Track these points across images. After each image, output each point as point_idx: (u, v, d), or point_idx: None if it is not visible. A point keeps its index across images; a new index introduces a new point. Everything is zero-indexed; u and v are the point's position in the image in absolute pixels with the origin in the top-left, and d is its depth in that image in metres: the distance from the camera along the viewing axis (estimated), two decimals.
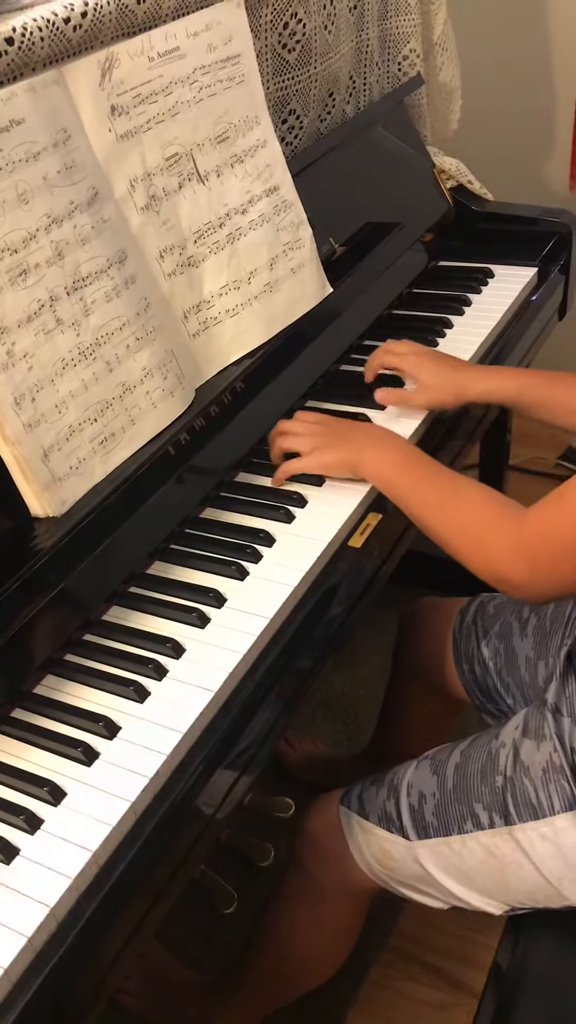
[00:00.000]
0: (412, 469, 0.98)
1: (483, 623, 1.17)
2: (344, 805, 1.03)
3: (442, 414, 1.15)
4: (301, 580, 0.91)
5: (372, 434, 1.03)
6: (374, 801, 1.01)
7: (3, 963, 0.62)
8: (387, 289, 1.34)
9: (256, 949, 1.14)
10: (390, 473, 0.98)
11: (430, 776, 0.97)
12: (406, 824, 0.97)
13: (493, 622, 1.16)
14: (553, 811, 0.89)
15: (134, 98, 0.94)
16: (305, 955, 1.12)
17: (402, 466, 0.98)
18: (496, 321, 1.33)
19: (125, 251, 0.91)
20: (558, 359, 1.92)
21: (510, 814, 0.91)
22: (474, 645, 1.16)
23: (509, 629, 1.14)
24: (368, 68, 1.44)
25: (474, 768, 0.95)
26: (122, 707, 0.79)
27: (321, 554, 0.94)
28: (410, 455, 0.99)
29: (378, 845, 0.99)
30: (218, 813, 0.77)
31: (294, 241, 1.11)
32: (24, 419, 0.82)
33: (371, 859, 1.01)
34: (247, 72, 1.05)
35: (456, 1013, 1.26)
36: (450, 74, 1.57)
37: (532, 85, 2.07)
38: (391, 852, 0.98)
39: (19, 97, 0.82)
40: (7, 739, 0.78)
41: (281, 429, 1.04)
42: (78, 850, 0.68)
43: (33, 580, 0.80)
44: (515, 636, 1.13)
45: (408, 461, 0.98)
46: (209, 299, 1.02)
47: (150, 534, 0.93)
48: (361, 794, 1.03)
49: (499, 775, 0.93)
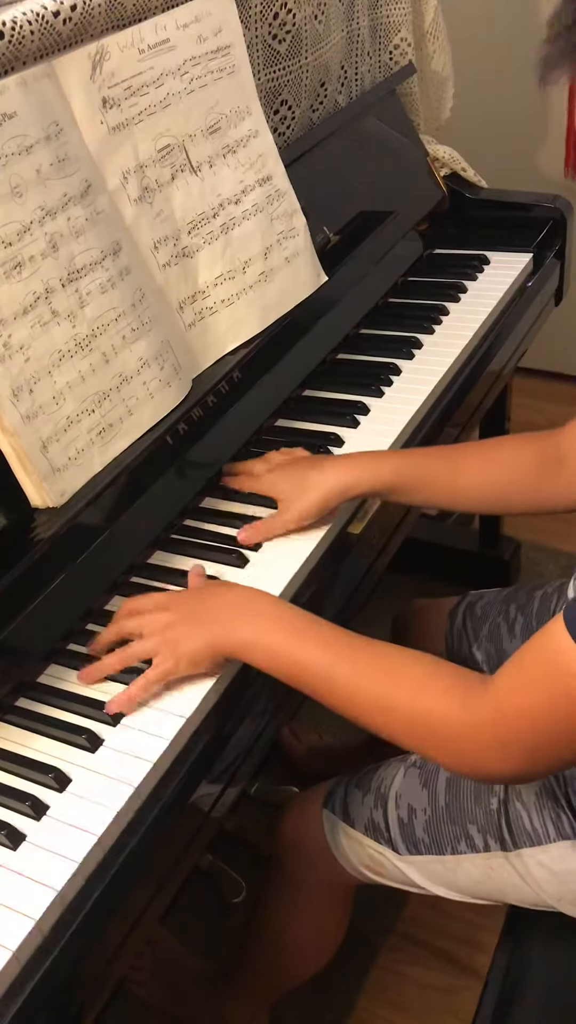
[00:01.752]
0: (314, 640, 0.76)
1: (472, 625, 1.14)
2: (327, 809, 1.00)
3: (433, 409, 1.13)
4: (301, 567, 0.92)
5: (239, 601, 0.80)
6: (360, 808, 0.97)
7: (12, 945, 0.62)
8: (382, 278, 1.35)
9: (250, 944, 1.15)
10: (285, 650, 0.76)
11: (420, 789, 0.94)
12: (395, 837, 0.94)
13: (482, 624, 1.13)
14: (549, 838, 0.86)
15: (125, 90, 0.94)
16: (297, 948, 1.12)
17: (300, 638, 0.76)
18: (492, 307, 1.33)
19: (119, 243, 0.92)
20: (554, 344, 1.92)
21: (506, 840, 0.88)
22: (466, 649, 1.14)
23: (498, 631, 1.12)
24: (359, 57, 1.44)
25: (467, 787, 0.91)
26: None
27: (320, 540, 0.95)
28: (301, 624, 0.77)
29: (366, 854, 0.97)
30: (224, 794, 0.77)
31: (288, 230, 1.11)
32: (22, 411, 0.83)
33: (359, 865, 0.99)
34: (238, 63, 1.05)
35: (464, 996, 1.27)
36: (442, 62, 1.57)
37: (525, 72, 2.06)
38: (380, 862, 0.96)
39: (10, 91, 0.82)
40: (12, 728, 0.78)
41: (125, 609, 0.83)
42: (83, 834, 0.69)
43: (34, 570, 0.81)
44: (504, 639, 1.11)
45: (306, 632, 0.76)
46: (204, 289, 1.03)
47: (150, 524, 0.94)
48: (346, 798, 0.99)
49: (494, 796, 0.90)
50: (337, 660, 0.74)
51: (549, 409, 2.26)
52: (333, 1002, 1.28)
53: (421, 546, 1.85)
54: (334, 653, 0.75)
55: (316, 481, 0.95)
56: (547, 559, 1.93)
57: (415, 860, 0.93)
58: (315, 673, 0.75)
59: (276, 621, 0.78)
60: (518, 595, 1.13)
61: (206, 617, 0.79)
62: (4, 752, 0.76)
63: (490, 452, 1.00)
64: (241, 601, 0.80)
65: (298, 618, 0.78)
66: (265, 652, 0.77)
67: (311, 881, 1.05)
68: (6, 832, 0.69)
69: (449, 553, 1.90)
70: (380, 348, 1.25)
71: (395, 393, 1.17)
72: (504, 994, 0.90)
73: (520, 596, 1.13)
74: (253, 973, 1.17)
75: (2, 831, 0.69)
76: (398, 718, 0.73)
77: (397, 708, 0.72)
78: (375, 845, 0.96)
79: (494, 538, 1.84)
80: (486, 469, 0.97)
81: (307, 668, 0.75)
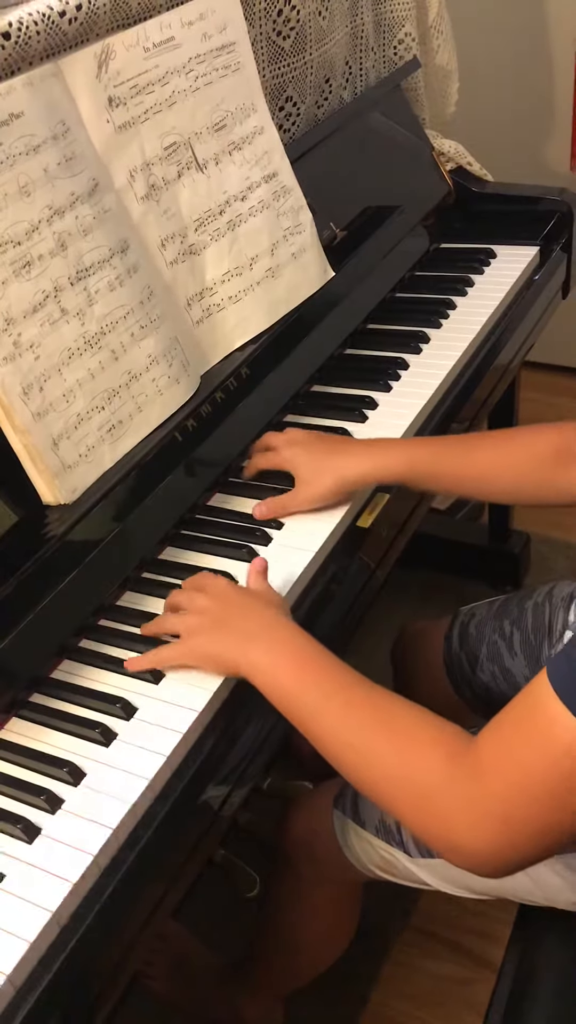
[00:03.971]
0: (317, 676, 0.74)
1: (469, 647, 1.12)
2: (338, 809, 1.00)
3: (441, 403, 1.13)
4: (311, 561, 0.92)
5: (264, 622, 0.79)
6: (370, 810, 0.96)
7: (29, 937, 0.63)
8: (389, 272, 1.35)
9: (262, 940, 1.15)
10: (286, 682, 0.75)
11: None
12: (406, 840, 0.93)
13: (479, 645, 1.12)
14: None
15: (131, 89, 0.94)
16: (308, 945, 1.12)
17: (303, 672, 0.75)
18: (499, 301, 1.33)
19: (127, 240, 0.92)
20: (562, 337, 1.92)
21: None
22: (468, 672, 1.12)
23: (497, 650, 1.10)
24: (364, 53, 1.44)
25: None
26: (139, 688, 0.80)
27: (330, 535, 0.95)
28: (310, 656, 0.76)
29: (377, 855, 0.97)
30: (236, 789, 0.78)
31: (294, 226, 1.11)
32: (33, 408, 0.83)
33: (370, 864, 0.98)
34: (242, 60, 1.05)
35: (478, 989, 1.27)
36: (446, 56, 1.57)
37: (530, 65, 2.06)
38: (392, 862, 0.96)
39: (17, 91, 0.83)
40: (26, 723, 0.79)
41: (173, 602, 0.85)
42: (98, 828, 0.69)
43: (46, 566, 0.81)
44: (506, 657, 1.09)
45: (310, 664, 0.75)
46: (211, 286, 1.03)
47: (160, 520, 0.94)
48: (356, 799, 0.98)
49: None
50: (331, 698, 0.72)
51: (557, 403, 2.26)
52: (347, 994, 1.28)
53: (430, 541, 1.85)
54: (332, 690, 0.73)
55: (334, 465, 0.96)
56: (557, 553, 1.93)
57: (427, 863, 0.93)
58: (307, 706, 0.73)
59: (289, 651, 0.77)
60: (509, 608, 1.12)
61: (228, 626, 0.79)
62: (19, 747, 0.77)
63: (505, 442, 1.01)
64: (261, 625, 0.79)
65: (309, 650, 0.76)
66: (267, 677, 0.76)
67: (322, 879, 1.05)
68: (22, 826, 0.69)
69: (458, 547, 1.90)
70: (387, 343, 1.25)
71: (403, 387, 1.17)
72: (517, 988, 0.90)
73: (511, 610, 1.11)
74: (266, 968, 1.17)
75: (18, 825, 0.70)
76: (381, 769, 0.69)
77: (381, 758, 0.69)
78: (386, 847, 0.95)
79: (504, 532, 1.84)
80: (501, 459, 0.98)
81: (300, 700, 0.74)
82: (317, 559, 0.93)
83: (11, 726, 0.79)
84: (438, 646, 1.16)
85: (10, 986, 0.62)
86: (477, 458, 0.99)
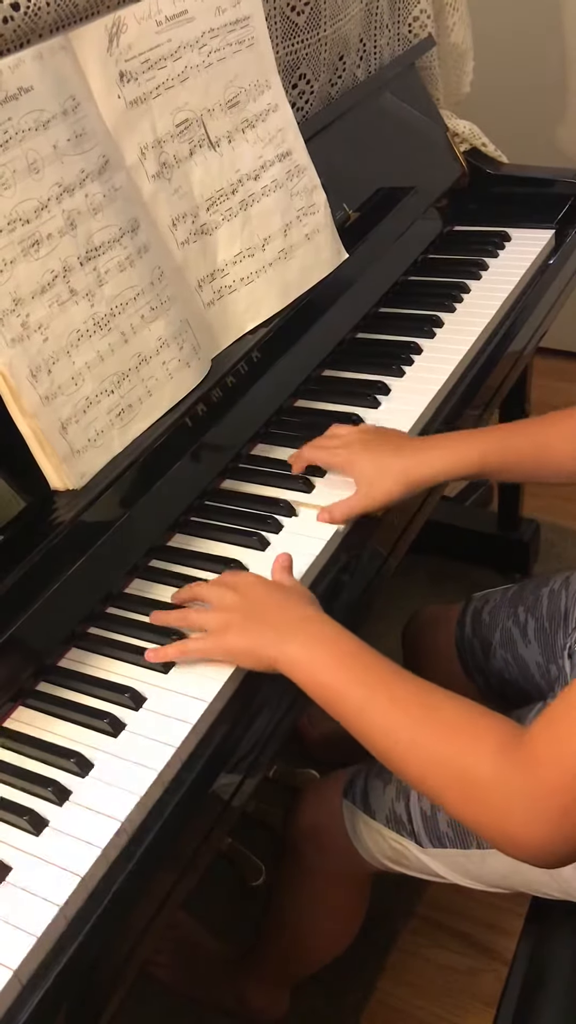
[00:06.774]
0: (357, 671, 0.73)
1: (482, 634, 1.12)
2: (347, 799, 0.99)
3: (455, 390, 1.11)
4: (323, 549, 0.91)
5: (299, 616, 0.78)
6: (381, 800, 0.96)
7: (37, 932, 0.62)
8: (402, 255, 1.33)
9: (268, 929, 1.15)
10: (328, 677, 0.74)
11: None
12: (418, 830, 0.92)
13: (492, 632, 1.11)
14: None
15: (143, 63, 0.92)
16: (315, 935, 1.11)
17: (343, 667, 0.74)
18: (514, 285, 1.31)
19: (137, 220, 0.90)
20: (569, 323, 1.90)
21: None
22: (481, 658, 1.12)
23: (511, 636, 1.09)
24: (378, 30, 1.41)
25: None
26: (148, 678, 0.79)
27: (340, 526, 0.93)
28: (349, 650, 0.75)
29: (388, 845, 0.96)
30: (246, 779, 0.77)
31: (308, 207, 1.09)
32: (41, 391, 0.81)
33: (379, 855, 0.98)
34: (257, 35, 1.03)
35: (485, 979, 1.26)
36: (461, 35, 1.54)
37: (546, 45, 2.03)
38: (403, 853, 0.95)
39: (26, 64, 0.81)
40: (33, 712, 0.78)
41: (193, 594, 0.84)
42: (106, 820, 0.68)
43: (54, 553, 0.80)
44: (519, 644, 1.08)
45: (348, 659, 0.74)
46: (223, 267, 1.01)
47: (169, 506, 0.93)
48: (366, 789, 0.98)
49: None
50: (375, 692, 0.72)
51: (571, 390, 2.23)
52: (354, 984, 1.28)
53: (439, 527, 1.83)
54: (375, 685, 0.72)
55: (401, 467, 0.93)
56: (566, 541, 1.91)
57: (439, 853, 0.92)
58: (351, 701, 0.73)
59: (327, 646, 0.75)
60: (524, 595, 1.11)
61: (261, 621, 0.78)
62: (26, 737, 0.75)
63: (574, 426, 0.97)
64: (298, 618, 0.78)
65: (348, 644, 0.76)
66: (306, 673, 0.75)
67: (329, 869, 1.04)
68: (29, 818, 0.68)
69: (468, 534, 1.89)
70: (400, 327, 1.23)
71: (416, 373, 1.15)
72: (529, 981, 0.89)
73: (527, 596, 1.10)
74: (272, 957, 1.17)
75: (25, 817, 0.68)
76: (430, 762, 0.68)
77: (429, 751, 0.68)
78: (397, 837, 0.95)
79: (513, 520, 1.83)
80: (572, 443, 0.95)
81: (344, 696, 0.73)
82: (330, 547, 0.92)
83: (18, 715, 0.78)
84: (450, 632, 1.15)
85: (16, 981, 0.61)
86: (548, 446, 0.96)
